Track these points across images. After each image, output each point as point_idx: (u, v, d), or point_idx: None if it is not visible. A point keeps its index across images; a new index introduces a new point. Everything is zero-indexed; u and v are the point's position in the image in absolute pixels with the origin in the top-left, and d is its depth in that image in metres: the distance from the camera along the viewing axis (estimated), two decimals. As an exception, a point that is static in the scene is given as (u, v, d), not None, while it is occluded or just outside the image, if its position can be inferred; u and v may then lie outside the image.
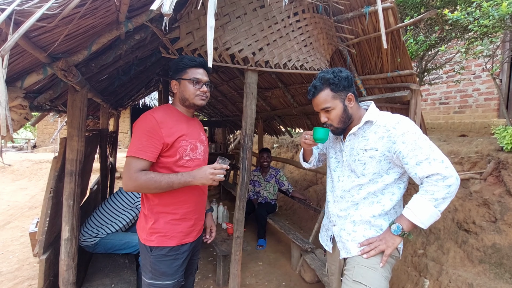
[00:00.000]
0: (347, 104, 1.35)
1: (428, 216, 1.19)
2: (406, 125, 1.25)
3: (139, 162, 1.28)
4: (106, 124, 3.49)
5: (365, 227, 1.35)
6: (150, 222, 1.39)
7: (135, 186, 1.27)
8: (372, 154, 1.29)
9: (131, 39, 1.73)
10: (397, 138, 1.24)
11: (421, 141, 1.21)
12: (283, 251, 3.55)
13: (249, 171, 2.21)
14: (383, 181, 1.31)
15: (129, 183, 1.28)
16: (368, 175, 1.32)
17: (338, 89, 1.33)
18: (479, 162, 2.91)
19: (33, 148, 11.19)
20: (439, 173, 1.15)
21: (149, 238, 1.39)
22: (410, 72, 2.16)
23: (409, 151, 1.21)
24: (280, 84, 3.59)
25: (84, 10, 1.07)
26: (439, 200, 1.17)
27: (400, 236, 1.25)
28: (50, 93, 1.68)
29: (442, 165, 1.16)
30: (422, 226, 1.22)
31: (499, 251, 2.36)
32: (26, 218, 4.59)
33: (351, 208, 1.38)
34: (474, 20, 2.19)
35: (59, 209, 1.74)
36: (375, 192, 1.33)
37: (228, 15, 1.94)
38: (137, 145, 1.29)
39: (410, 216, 1.22)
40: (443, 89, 4.94)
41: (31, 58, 1.25)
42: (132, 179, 1.26)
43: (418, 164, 1.20)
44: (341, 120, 1.36)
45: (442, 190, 1.15)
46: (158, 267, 1.39)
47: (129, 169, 1.27)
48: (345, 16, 2.19)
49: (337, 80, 1.33)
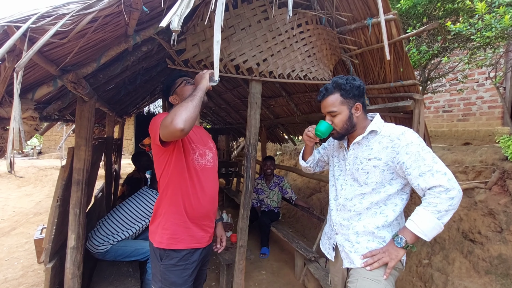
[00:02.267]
0: (353, 112, 1.37)
1: (431, 228, 1.19)
2: (410, 136, 1.27)
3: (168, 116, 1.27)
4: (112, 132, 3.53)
5: (368, 239, 1.35)
6: (162, 221, 1.43)
7: (181, 112, 1.20)
8: (376, 163, 1.31)
9: (139, 51, 1.77)
10: (401, 149, 1.25)
11: (424, 153, 1.22)
12: (287, 259, 3.53)
13: (253, 180, 2.23)
14: (386, 191, 1.32)
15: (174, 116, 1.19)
16: (371, 184, 1.33)
17: (347, 95, 1.36)
18: (483, 171, 2.89)
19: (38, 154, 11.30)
20: (442, 185, 1.16)
21: (161, 240, 1.42)
22: (413, 82, 2.18)
23: (413, 162, 1.22)
24: (284, 93, 3.62)
25: (95, 26, 1.11)
26: (442, 212, 1.17)
27: (404, 248, 1.25)
28: (59, 103, 1.71)
29: (445, 177, 1.17)
30: (425, 238, 1.22)
31: (505, 261, 2.33)
32: (31, 224, 4.61)
33: (354, 218, 1.38)
34: (476, 31, 2.21)
35: (65, 218, 1.76)
36: (378, 203, 1.34)
37: (233, 27, 1.98)
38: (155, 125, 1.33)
39: (414, 228, 1.22)
40: (446, 97, 4.94)
41: (42, 71, 1.28)
42: (174, 112, 1.21)
43: (421, 176, 1.20)
44: (344, 126, 1.38)
45: (445, 202, 1.16)
46: (168, 277, 1.41)
47: (165, 118, 1.24)
48: (348, 27, 2.22)
49: (349, 87, 1.35)
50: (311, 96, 3.24)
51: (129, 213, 2.48)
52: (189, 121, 1.20)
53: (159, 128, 1.25)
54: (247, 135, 2.18)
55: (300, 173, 4.56)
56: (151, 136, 1.38)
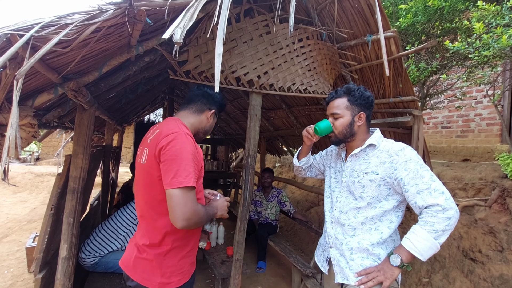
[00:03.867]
0: (356, 120, 1.37)
1: (428, 248, 1.17)
2: (409, 153, 1.26)
3: (193, 192, 1.12)
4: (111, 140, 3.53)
5: (363, 256, 1.32)
6: (168, 260, 1.22)
7: (197, 221, 1.11)
8: (372, 177, 1.30)
9: (141, 61, 1.78)
10: (399, 165, 1.24)
11: (423, 171, 1.21)
12: (284, 274, 3.45)
13: (251, 192, 2.20)
14: (382, 207, 1.31)
15: (193, 217, 1.08)
16: (366, 199, 1.32)
17: (354, 102, 1.37)
18: (483, 189, 2.87)
19: (36, 160, 11.24)
20: (439, 204, 1.15)
21: (169, 281, 1.21)
22: (412, 98, 2.19)
23: (411, 179, 1.21)
24: (284, 106, 3.65)
25: (99, 36, 1.12)
26: (439, 232, 1.15)
27: (399, 267, 1.23)
28: (59, 111, 1.71)
29: (442, 197, 1.15)
30: (422, 258, 1.19)
31: (507, 282, 2.28)
32: (24, 232, 4.53)
33: (349, 233, 1.36)
34: (474, 50, 2.25)
35: (58, 227, 1.72)
36: (373, 218, 1.32)
37: (235, 40, 2.00)
38: (189, 171, 1.10)
39: (410, 247, 1.20)
40: (445, 113, 4.97)
41: (43, 79, 1.29)
42: (196, 213, 1.10)
43: (419, 193, 1.19)
44: (343, 131, 1.38)
45: (442, 222, 1.14)
46: None
47: (191, 201, 1.08)
48: (348, 43, 2.26)
49: (358, 94, 1.36)
50: (311, 109, 3.26)
51: (118, 224, 2.45)
52: (192, 226, 1.10)
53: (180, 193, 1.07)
54: (246, 147, 2.17)
55: (299, 186, 4.53)
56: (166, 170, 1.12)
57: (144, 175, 1.24)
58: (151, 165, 1.19)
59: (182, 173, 1.09)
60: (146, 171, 1.22)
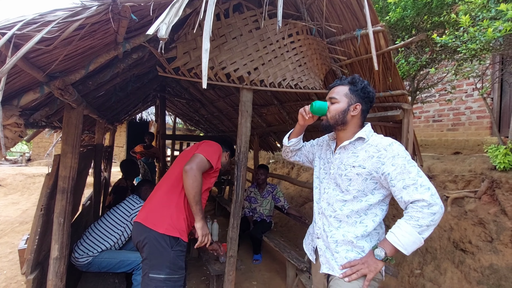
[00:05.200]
0: (350, 108, 1.37)
1: (412, 243, 1.19)
2: (397, 148, 1.27)
3: (207, 164, 1.73)
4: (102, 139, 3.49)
5: (347, 248, 1.34)
6: (182, 214, 1.71)
7: (195, 175, 1.63)
8: (360, 171, 1.30)
9: (129, 58, 1.76)
10: (387, 160, 1.25)
11: (410, 166, 1.22)
12: (278, 269, 3.48)
13: (243, 189, 2.21)
14: (368, 200, 1.32)
15: (195, 169, 1.63)
16: (353, 192, 1.33)
17: (354, 91, 1.38)
18: (473, 181, 2.92)
19: (27, 161, 11.07)
20: (425, 200, 1.16)
21: (172, 229, 1.65)
22: (402, 92, 2.21)
23: (398, 174, 1.22)
24: (276, 102, 3.65)
25: (83, 33, 1.10)
26: (423, 227, 1.17)
27: (383, 261, 1.25)
28: (47, 110, 1.69)
29: (428, 192, 1.17)
30: (405, 252, 1.21)
31: (496, 272, 2.33)
32: (16, 234, 4.48)
33: (334, 225, 1.38)
34: (462, 43, 2.27)
35: (49, 227, 1.71)
36: (358, 212, 1.33)
37: (225, 36, 1.99)
38: (213, 154, 1.77)
39: (394, 241, 1.21)
40: (436, 107, 5.02)
41: (28, 78, 1.26)
42: (199, 170, 1.65)
43: (405, 188, 1.20)
44: (335, 116, 1.38)
45: (427, 217, 1.16)
46: (177, 262, 1.64)
47: (203, 164, 1.70)
48: (337, 38, 2.26)
49: (359, 85, 1.39)
50: (303, 104, 3.26)
51: (108, 223, 2.44)
52: (190, 180, 1.63)
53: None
54: (238, 143, 2.17)
55: (293, 181, 4.55)
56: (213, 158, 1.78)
57: (181, 160, 1.86)
58: (190, 153, 1.82)
59: (210, 153, 1.76)
60: (185, 156, 1.85)
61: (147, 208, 1.75)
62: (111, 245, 2.38)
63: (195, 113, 6.78)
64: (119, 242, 2.46)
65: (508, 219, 2.46)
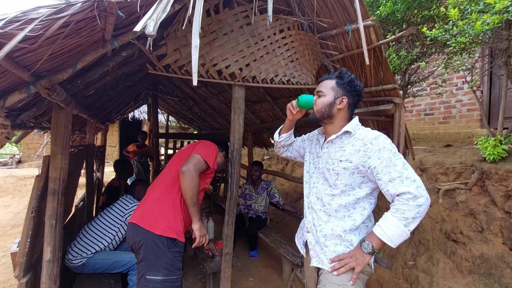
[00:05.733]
0: (336, 102, 1.38)
1: (398, 235, 1.20)
2: (383, 142, 1.27)
3: (204, 164, 1.73)
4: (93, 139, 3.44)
5: (336, 242, 1.35)
6: (179, 214, 1.70)
7: (193, 177, 1.63)
8: (346, 165, 1.31)
9: (118, 56, 1.73)
10: (373, 154, 1.26)
11: (396, 159, 1.22)
12: (275, 265, 3.50)
13: (237, 186, 2.20)
14: (355, 194, 1.33)
15: (192, 170, 1.64)
16: (340, 186, 1.33)
17: (340, 85, 1.40)
18: (464, 172, 2.97)
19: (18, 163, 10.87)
20: (410, 192, 1.17)
21: (169, 230, 1.64)
22: (393, 86, 2.22)
23: (384, 167, 1.22)
24: (269, 98, 3.64)
25: (68, 31, 1.08)
26: (409, 219, 1.17)
27: (370, 254, 1.26)
28: (34, 110, 1.65)
29: (414, 185, 1.17)
30: (392, 245, 1.22)
31: (487, 261, 2.38)
32: (8, 237, 4.41)
33: (323, 219, 1.39)
34: (451, 37, 2.29)
35: (40, 230, 1.68)
36: (346, 206, 1.34)
37: (215, 32, 1.97)
38: (210, 155, 1.78)
39: (381, 234, 1.23)
40: (427, 101, 5.08)
41: (13, 77, 1.23)
42: (196, 171, 1.65)
43: (391, 181, 1.21)
44: (321, 109, 1.40)
45: (413, 209, 1.16)
46: (174, 262, 1.64)
47: (200, 165, 1.70)
48: (329, 33, 2.26)
49: (346, 79, 1.40)
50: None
51: (102, 224, 2.41)
52: (187, 181, 1.63)
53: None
54: (231, 140, 2.16)
55: (288, 177, 4.56)
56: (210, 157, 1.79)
57: (177, 159, 1.88)
58: (186, 153, 1.83)
59: (207, 153, 1.76)
60: (182, 155, 1.87)
61: (142, 209, 1.73)
62: (105, 246, 2.36)
63: (188, 111, 6.73)
64: (114, 243, 2.44)
65: (498, 209, 2.51)
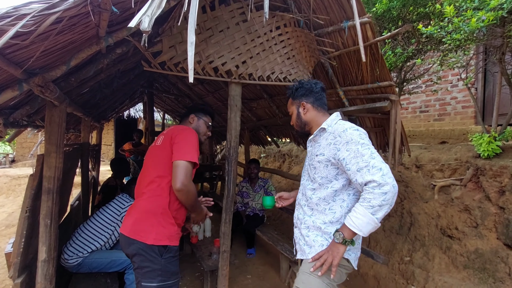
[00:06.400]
0: (300, 111, 1.52)
1: (366, 223, 1.22)
2: (350, 134, 1.31)
3: (192, 166, 1.54)
4: (88, 138, 3.40)
5: (317, 233, 1.41)
6: (163, 220, 1.58)
7: (189, 190, 1.50)
8: (320, 159, 1.40)
9: (113, 53, 1.71)
10: (341, 146, 1.31)
11: (363, 149, 1.26)
12: (272, 262, 3.51)
13: (234, 184, 2.20)
14: (333, 186, 1.38)
15: (187, 184, 1.49)
16: (318, 179, 1.41)
17: (295, 96, 1.54)
18: (458, 169, 3.00)
19: (11, 163, 10.74)
20: (375, 180, 1.19)
21: (160, 238, 1.55)
22: (389, 83, 2.23)
23: (352, 158, 1.27)
24: (265, 95, 3.63)
25: (61, 27, 1.06)
26: (375, 207, 1.20)
27: (343, 244, 1.28)
28: (27, 108, 1.63)
29: (379, 173, 1.20)
30: (361, 234, 1.24)
31: (482, 256, 2.41)
32: (3, 237, 4.36)
33: (307, 213, 1.46)
34: (446, 34, 2.30)
35: (35, 229, 1.66)
36: (325, 199, 1.40)
37: (211, 29, 1.95)
38: (192, 151, 1.56)
39: (349, 224, 1.26)
40: (422, 98, 5.10)
41: (5, 75, 1.21)
42: (190, 181, 1.50)
43: (359, 171, 1.25)
44: (296, 124, 1.55)
45: (378, 197, 1.18)
46: (169, 268, 1.57)
47: (188, 173, 1.51)
48: (325, 30, 2.25)
49: (294, 89, 1.54)
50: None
51: (97, 223, 2.39)
52: (185, 194, 1.51)
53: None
54: (228, 138, 2.16)
55: (284, 175, 4.57)
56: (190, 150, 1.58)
57: (156, 158, 1.67)
58: (165, 150, 1.61)
59: (189, 151, 1.53)
60: (161, 153, 1.64)
61: (131, 218, 1.61)
62: (101, 245, 2.34)
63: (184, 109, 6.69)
64: (110, 242, 2.42)
65: (492, 204, 2.54)
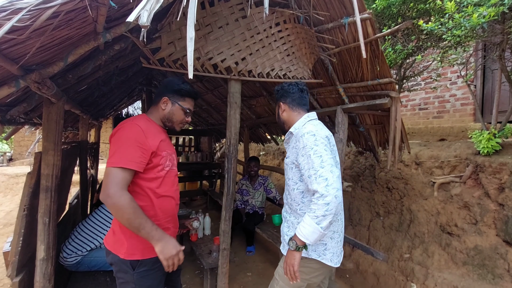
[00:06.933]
0: (278, 111, 1.61)
1: (311, 233, 1.25)
2: (306, 139, 1.34)
3: (126, 173, 1.21)
4: (86, 136, 3.38)
5: (294, 231, 1.46)
6: (128, 234, 1.32)
7: (115, 203, 1.16)
8: (287, 161, 1.49)
9: (111, 49, 1.69)
10: (299, 151, 1.37)
11: (315, 157, 1.29)
12: (272, 260, 3.51)
13: (234, 181, 2.19)
14: (298, 188, 1.44)
15: (111, 195, 1.16)
16: (288, 181, 1.50)
17: (276, 98, 1.63)
18: (458, 166, 3.00)
19: (9, 161, 10.69)
20: (318, 191, 1.23)
21: (131, 252, 1.33)
22: (389, 80, 2.22)
23: (305, 164, 1.32)
24: (265, 93, 3.61)
25: (57, 22, 1.03)
26: (319, 217, 1.23)
27: (297, 251, 1.32)
28: (24, 106, 1.61)
29: (324, 183, 1.23)
30: (308, 242, 1.27)
31: (481, 252, 2.42)
32: (1, 236, 4.34)
33: (288, 211, 1.55)
34: (447, 30, 2.29)
35: (33, 228, 1.64)
36: (295, 199, 1.46)
37: (210, 25, 1.93)
38: (125, 154, 1.22)
39: (298, 233, 1.30)
40: (422, 95, 5.10)
41: (2, 71, 1.19)
42: (116, 194, 1.16)
43: (309, 178, 1.30)
44: (278, 123, 1.65)
45: (321, 208, 1.22)
46: (143, 282, 1.35)
47: (114, 182, 1.17)
48: (325, 26, 2.23)
49: (275, 91, 1.63)
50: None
51: (96, 221, 2.38)
52: (114, 211, 1.19)
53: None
54: (227, 136, 2.14)
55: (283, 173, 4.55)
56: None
57: None
58: None
59: (122, 156, 1.22)
60: None
61: (111, 226, 1.46)
62: (100, 243, 2.33)
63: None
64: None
65: (491, 201, 2.55)
